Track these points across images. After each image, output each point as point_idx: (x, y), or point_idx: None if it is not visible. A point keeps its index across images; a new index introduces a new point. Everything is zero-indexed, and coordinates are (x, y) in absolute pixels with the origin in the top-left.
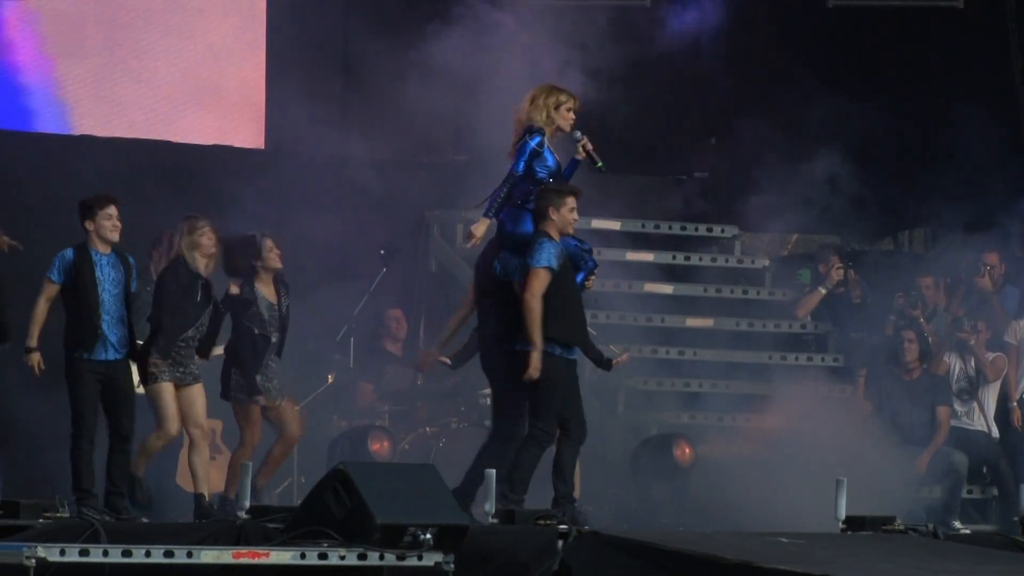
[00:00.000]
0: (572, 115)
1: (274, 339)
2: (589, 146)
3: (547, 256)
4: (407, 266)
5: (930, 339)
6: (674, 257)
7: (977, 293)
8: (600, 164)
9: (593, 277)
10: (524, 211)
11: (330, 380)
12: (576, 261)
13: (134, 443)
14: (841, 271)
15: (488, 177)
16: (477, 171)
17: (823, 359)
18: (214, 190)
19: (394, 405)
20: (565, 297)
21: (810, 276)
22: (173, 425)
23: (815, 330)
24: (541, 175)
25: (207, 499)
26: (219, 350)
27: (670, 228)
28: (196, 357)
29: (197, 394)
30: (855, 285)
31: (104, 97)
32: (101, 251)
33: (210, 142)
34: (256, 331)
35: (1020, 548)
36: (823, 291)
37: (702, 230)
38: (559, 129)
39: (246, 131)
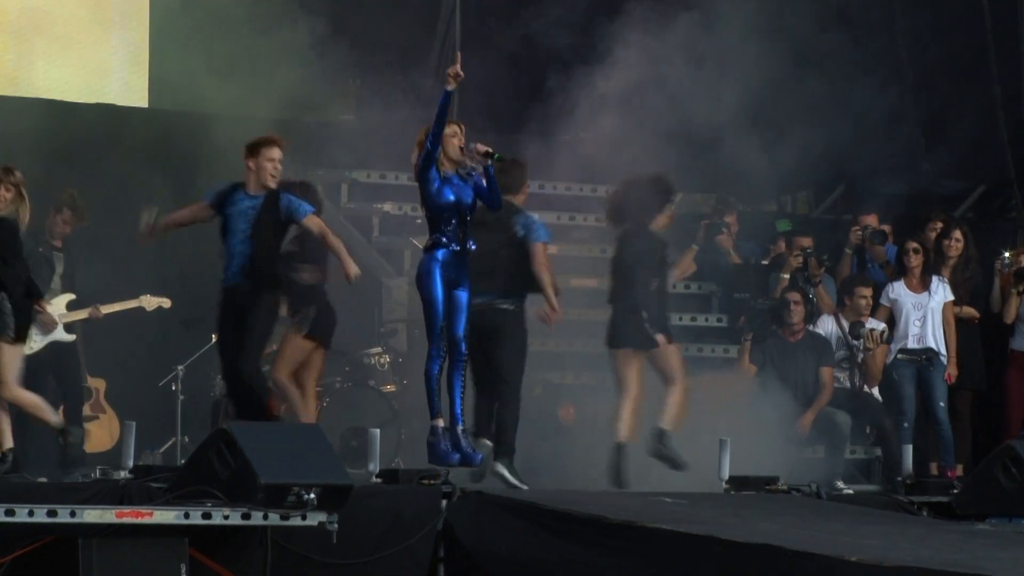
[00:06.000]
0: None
1: None
2: (480, 149)
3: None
4: None
5: (815, 301)
6: (559, 218)
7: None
8: (497, 156)
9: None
10: None
11: (214, 339)
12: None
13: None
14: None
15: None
16: (360, 131)
17: (707, 319)
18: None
19: None
20: None
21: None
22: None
23: (699, 290)
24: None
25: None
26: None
27: (555, 188)
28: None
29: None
30: (729, 248)
31: None
32: None
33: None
34: None
35: (903, 508)
36: (695, 247)
37: (587, 190)
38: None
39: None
